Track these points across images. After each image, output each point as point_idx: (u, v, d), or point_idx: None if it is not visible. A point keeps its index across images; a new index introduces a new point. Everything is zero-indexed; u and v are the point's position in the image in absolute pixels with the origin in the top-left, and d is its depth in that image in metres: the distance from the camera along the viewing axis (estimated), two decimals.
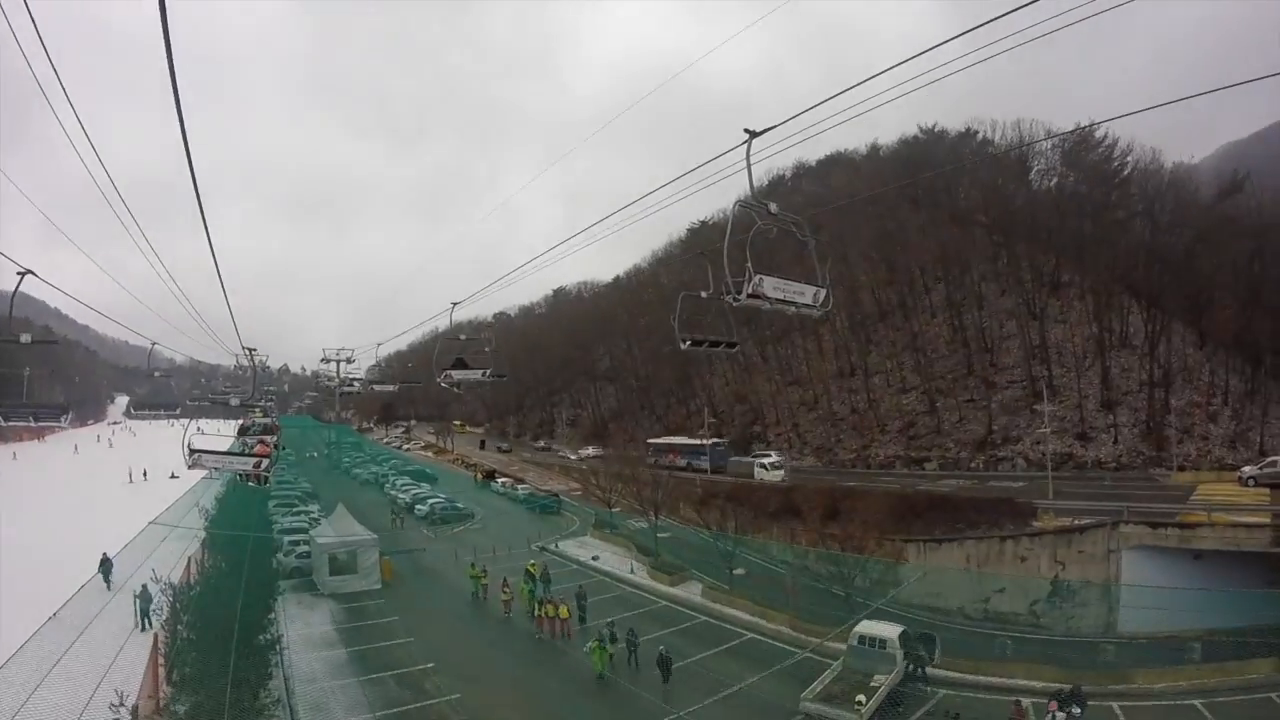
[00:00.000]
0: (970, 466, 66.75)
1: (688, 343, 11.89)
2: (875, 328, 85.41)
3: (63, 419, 11.55)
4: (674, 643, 32.11)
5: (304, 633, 33.43)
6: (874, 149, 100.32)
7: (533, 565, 40.91)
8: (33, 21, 8.46)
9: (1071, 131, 66.82)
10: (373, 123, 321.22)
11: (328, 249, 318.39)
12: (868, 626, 29.41)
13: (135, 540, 32.30)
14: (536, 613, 35.09)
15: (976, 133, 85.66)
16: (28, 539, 43.00)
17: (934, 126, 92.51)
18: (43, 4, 8.35)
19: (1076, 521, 42.47)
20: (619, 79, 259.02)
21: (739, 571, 44.56)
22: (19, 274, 10.42)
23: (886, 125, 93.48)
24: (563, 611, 34.29)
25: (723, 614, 38.36)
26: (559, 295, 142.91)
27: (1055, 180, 78.22)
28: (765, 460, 70.71)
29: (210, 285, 27.94)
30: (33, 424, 11.99)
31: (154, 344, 27.64)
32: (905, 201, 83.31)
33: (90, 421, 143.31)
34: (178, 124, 8.19)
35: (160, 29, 6.35)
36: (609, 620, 31.62)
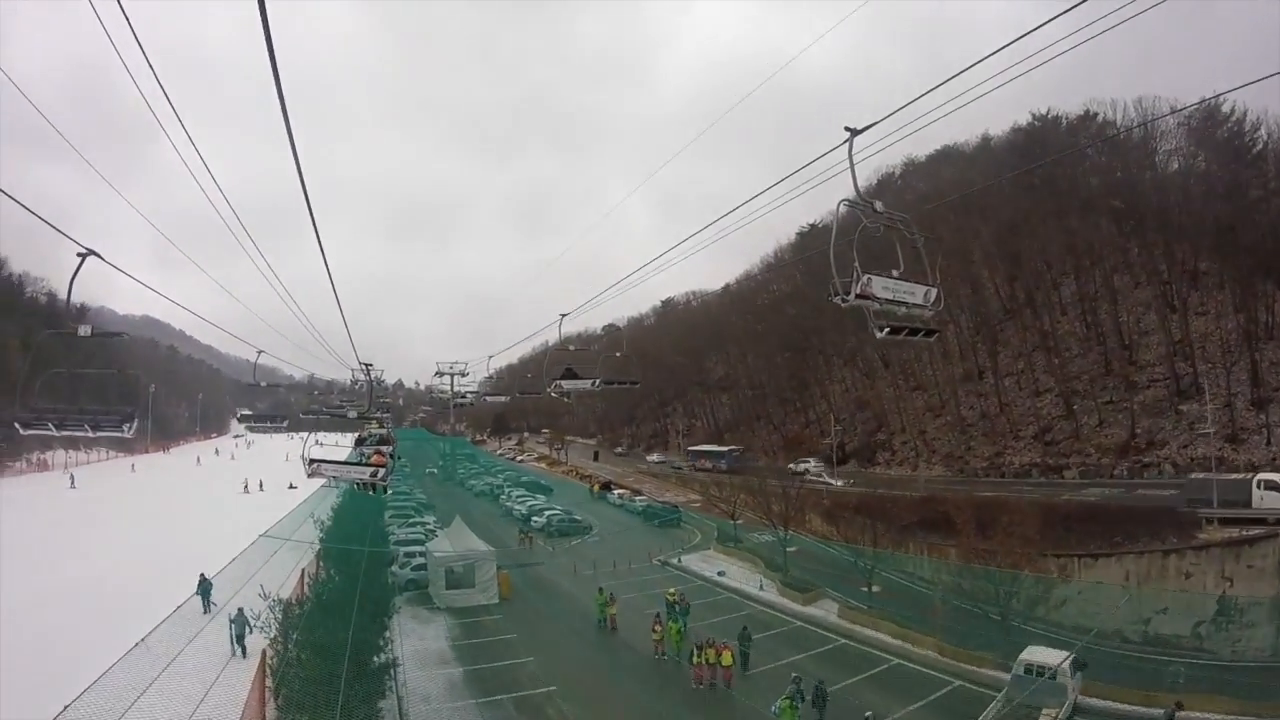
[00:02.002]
0: (1113, 474, 61.43)
1: (885, 330, 10.32)
2: (1002, 327, 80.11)
3: (125, 428, 9.48)
4: (811, 668, 29.33)
5: (418, 648, 31.96)
6: (985, 140, 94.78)
7: (671, 593, 37.20)
8: (145, 57, 8.83)
9: (1196, 105, 60.96)
10: (465, 138, 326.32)
11: (431, 264, 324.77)
12: (1034, 653, 26.02)
13: (244, 554, 31.12)
14: (695, 659, 28.95)
15: (1095, 114, 79.73)
16: (135, 554, 43.09)
17: (1047, 112, 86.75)
18: (146, 34, 8.55)
19: (1245, 532, 37.90)
20: (710, 82, 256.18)
21: (874, 589, 41.18)
22: (80, 255, 9.22)
23: (995, 114, 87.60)
24: (725, 658, 28.77)
25: (863, 636, 35.10)
26: (668, 306, 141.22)
27: (1183, 161, 71.81)
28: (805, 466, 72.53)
29: (319, 303, 28.59)
30: (91, 434, 9.91)
31: (260, 352, 26.61)
32: (1024, 193, 77.98)
33: (213, 435, 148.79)
34: (289, 148, 8.42)
35: (268, 64, 6.48)
36: (794, 675, 26.09)
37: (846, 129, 9.83)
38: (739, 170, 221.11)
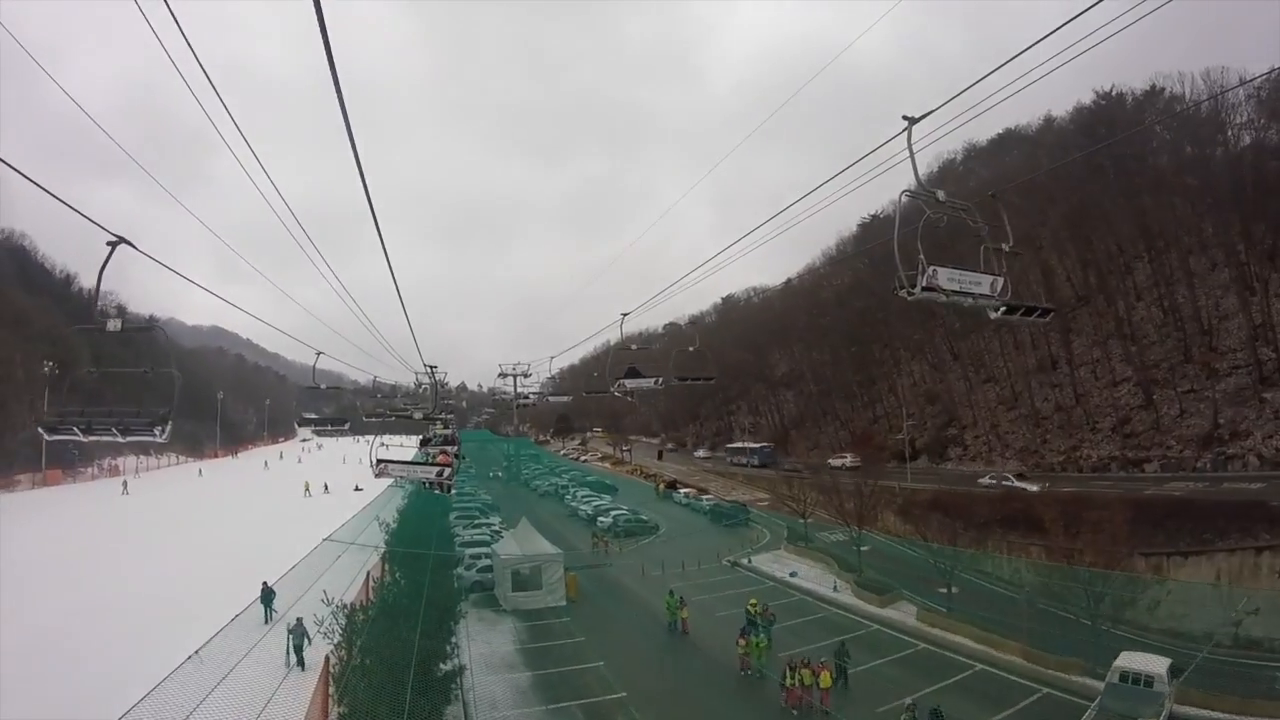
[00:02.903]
0: (1196, 466, 58.50)
1: (1001, 310, 10.18)
2: (1075, 314, 76.96)
3: (158, 431, 8.59)
4: (892, 674, 28.27)
5: (485, 652, 31.33)
6: (1048, 121, 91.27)
7: (753, 604, 34.49)
8: (206, 75, 9.05)
9: (1266, 75, 57.34)
10: (517, 141, 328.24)
11: (490, 268, 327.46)
12: (1130, 660, 24.21)
13: (307, 559, 30.71)
14: (788, 681, 26.29)
15: (1162, 89, 76.13)
16: (187, 561, 43.12)
17: (1111, 89, 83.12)
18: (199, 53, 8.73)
19: None
20: (758, 73, 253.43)
21: (953, 591, 39.43)
22: (110, 243, 8.65)
23: (1057, 94, 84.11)
24: (824, 679, 26.25)
25: (944, 641, 33.46)
26: (728, 303, 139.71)
27: (1255, 134, 68.00)
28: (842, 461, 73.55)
29: (379, 309, 28.92)
30: (120, 438, 9.06)
31: (319, 354, 26.16)
32: (1092, 174, 74.72)
33: (281, 439, 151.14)
34: (351, 159, 8.66)
35: (319, 78, 5.89)
36: (909, 702, 23.80)
37: (904, 117, 9.73)
38: (795, 162, 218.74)
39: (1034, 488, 52.47)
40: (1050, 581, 36.54)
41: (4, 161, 8.12)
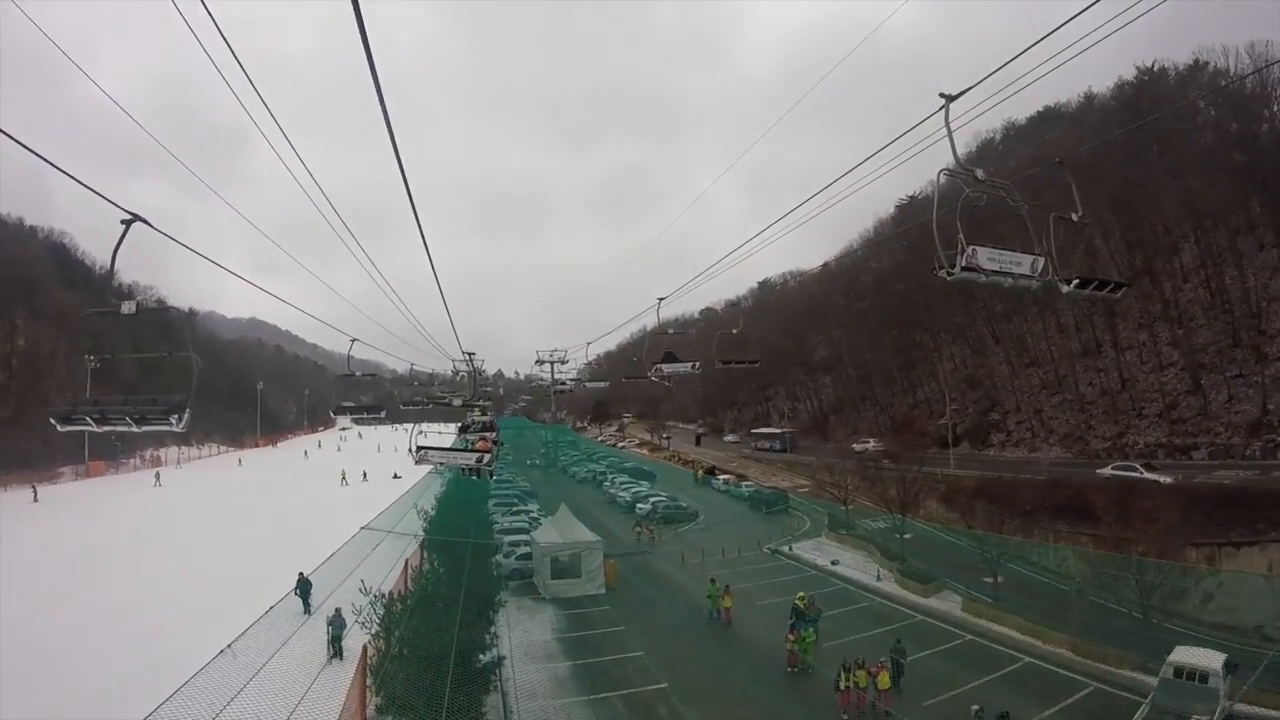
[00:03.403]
0: (1245, 454, 56.82)
1: (1074, 283, 10.33)
2: (1120, 297, 74.70)
3: (174, 420, 8.06)
4: (939, 667, 27.43)
5: (524, 640, 30.91)
6: (1088, 98, 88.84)
7: (801, 598, 31.65)
8: (243, 70, 9.31)
9: None
10: (547, 128, 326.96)
11: (525, 256, 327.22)
12: (1185, 654, 23.04)
13: (345, 548, 30.61)
14: (843, 683, 24.46)
15: (1206, 64, 73.85)
16: (232, 550, 43.59)
17: (1153, 64, 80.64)
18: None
19: None
20: (789, 54, 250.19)
21: (999, 580, 38.52)
22: (124, 221, 8.27)
23: (1097, 70, 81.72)
24: (882, 680, 24.64)
25: (990, 632, 32.46)
26: (765, 287, 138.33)
27: None
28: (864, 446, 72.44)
29: (416, 298, 28.62)
30: (136, 428, 8.53)
31: (353, 340, 26.01)
32: (1136, 152, 72.54)
33: (320, 428, 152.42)
34: (391, 151, 8.65)
35: (351, 73, 5.93)
36: (976, 708, 22.68)
37: (941, 95, 9.66)
38: (830, 144, 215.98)
39: (1166, 479, 50.54)
40: (1100, 572, 35.45)
41: (37, 154, 7.85)
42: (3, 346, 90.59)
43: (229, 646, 18.03)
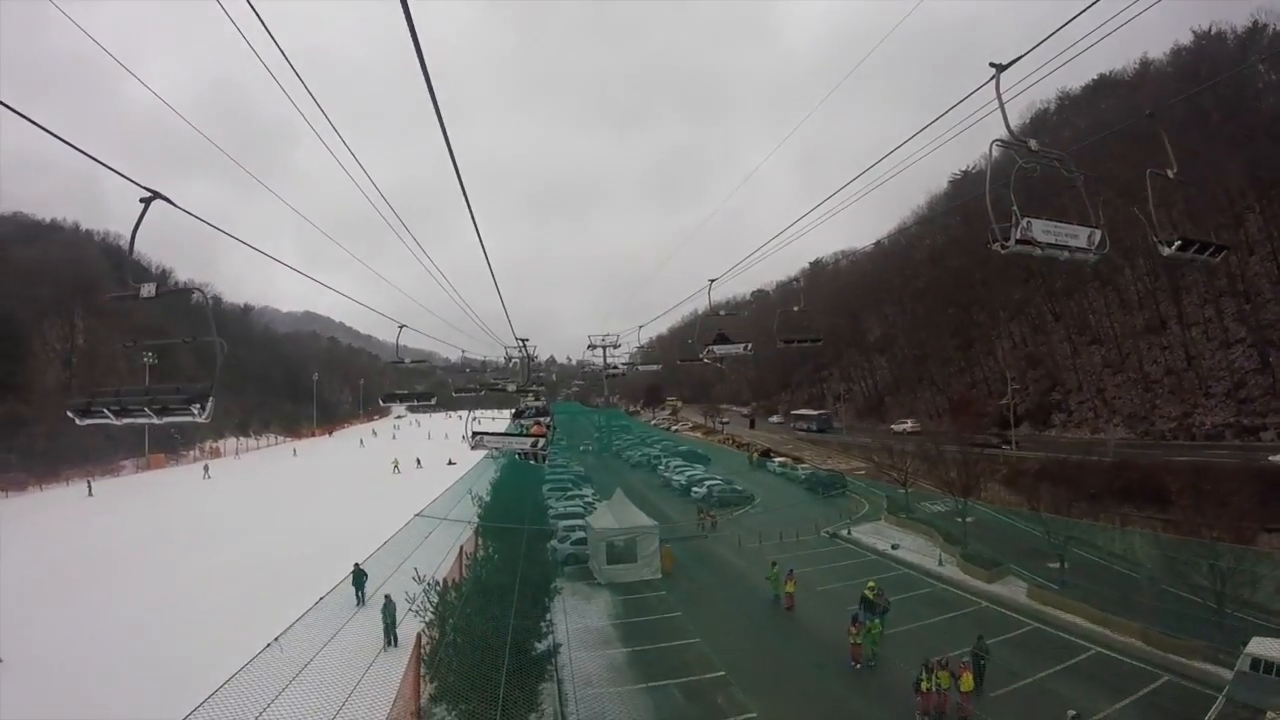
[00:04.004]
0: None
1: (1175, 245, 10.59)
2: (1184, 271, 71.96)
3: (196, 410, 7.55)
4: (1004, 656, 26.17)
5: (579, 626, 30.55)
6: (1144, 65, 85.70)
7: (871, 588, 30.27)
8: (291, 67, 9.47)
9: None
10: (593, 111, 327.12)
11: (575, 241, 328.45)
12: (1262, 646, 21.66)
13: (398, 535, 30.48)
14: (924, 685, 22.95)
15: (1265, 26, 70.71)
16: (282, 541, 43.93)
17: (1210, 28, 77.41)
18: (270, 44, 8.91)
19: None
20: (835, 27, 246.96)
21: (1065, 566, 36.98)
22: (143, 200, 7.91)
23: (1153, 36, 79.15)
24: (965, 682, 23.21)
25: (1056, 620, 31.17)
26: (816, 267, 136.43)
27: None
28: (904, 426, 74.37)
29: (468, 285, 28.74)
30: (155, 419, 8.04)
31: (402, 327, 25.78)
32: (1197, 119, 69.40)
33: (376, 417, 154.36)
34: (441, 141, 8.66)
35: (401, 67, 6.97)
36: (1073, 714, 20.99)
37: (992, 64, 9.52)
38: (880, 117, 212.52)
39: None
40: (1171, 557, 33.95)
41: (94, 157, 7.71)
42: (63, 345, 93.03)
43: (276, 640, 17.77)
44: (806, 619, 31.93)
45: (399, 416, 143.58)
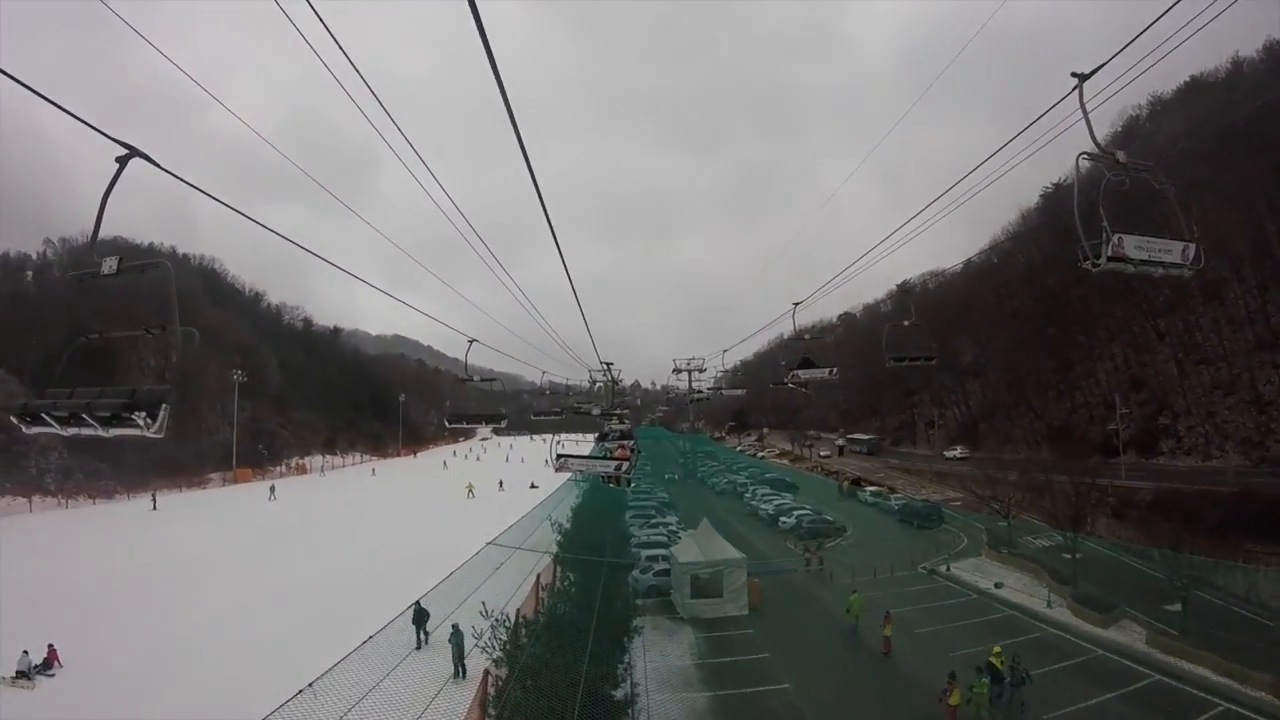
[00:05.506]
0: None
1: None
2: None
3: (142, 420, 6.08)
4: (1125, 712, 23.75)
5: (660, 665, 28.67)
6: (1236, 63, 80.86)
7: (998, 655, 25.79)
8: (374, 95, 9.75)
9: None
10: (666, 132, 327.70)
11: (654, 263, 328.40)
12: None
13: (466, 566, 29.23)
14: None
15: None
16: (341, 567, 43.50)
17: None
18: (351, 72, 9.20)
19: None
20: (913, 31, 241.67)
21: (1183, 608, 33.57)
22: (119, 159, 6.89)
23: (1243, 31, 74.99)
24: None
25: (1178, 670, 28.12)
26: (904, 289, 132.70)
27: None
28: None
29: (550, 310, 29.32)
30: (104, 431, 6.67)
31: (472, 341, 25.03)
32: None
33: (461, 438, 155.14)
34: (524, 167, 8.62)
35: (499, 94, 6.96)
36: None
37: (1074, 74, 9.23)
38: (958, 126, 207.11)
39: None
40: None
41: (180, 177, 7.45)
42: (158, 361, 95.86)
43: (310, 686, 16.36)
44: (904, 665, 29.38)
45: (484, 439, 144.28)
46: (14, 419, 7.00)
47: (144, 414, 6.52)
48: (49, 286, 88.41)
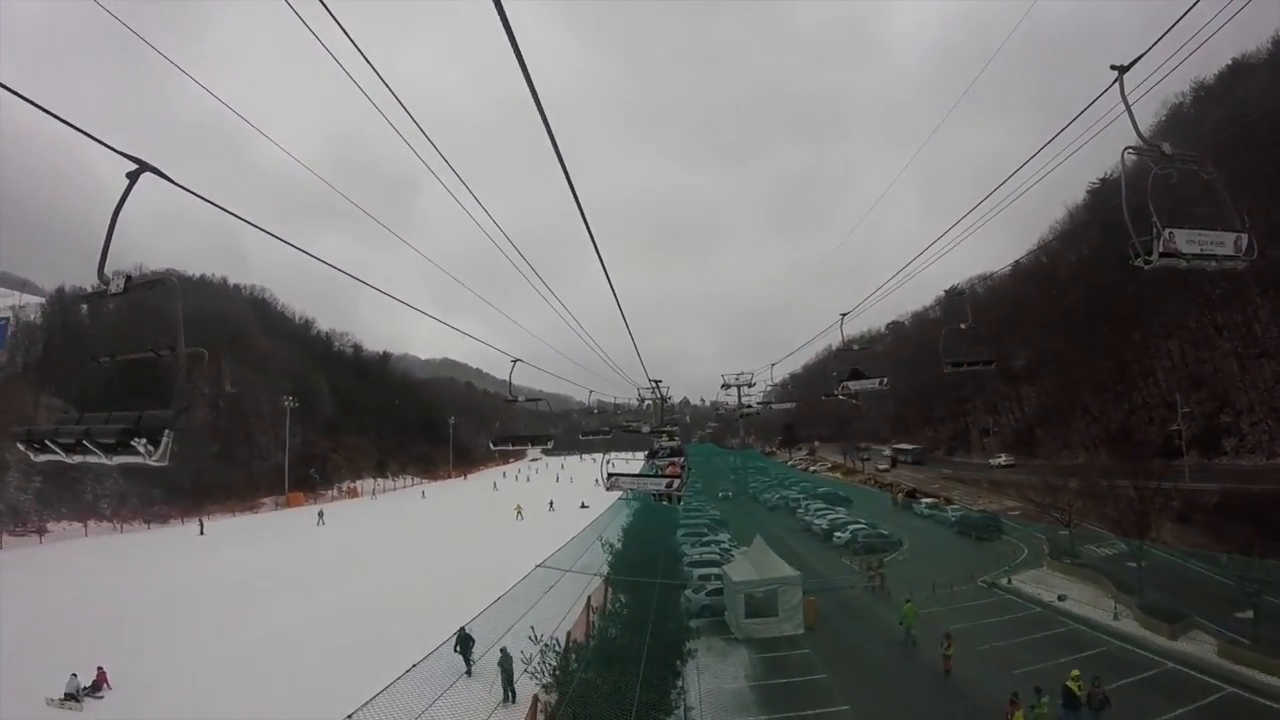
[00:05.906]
0: None
1: None
2: None
3: (145, 449, 5.80)
4: None
5: (713, 688, 28.05)
6: (1277, 44, 78.42)
7: (1075, 679, 23.94)
8: (415, 122, 9.79)
9: None
10: (705, 145, 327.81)
11: (699, 278, 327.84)
12: None
13: (514, 590, 28.89)
14: None
15: None
16: (406, 585, 43.84)
17: None
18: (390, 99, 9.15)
19: None
20: (947, 34, 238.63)
21: (1251, 616, 32.24)
22: (129, 175, 6.66)
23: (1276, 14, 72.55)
24: None
25: (1253, 683, 26.86)
26: (952, 295, 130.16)
27: None
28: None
29: (596, 329, 28.85)
30: (107, 459, 6.36)
31: (515, 361, 24.91)
32: None
33: (511, 460, 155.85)
34: (566, 187, 8.69)
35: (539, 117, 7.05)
36: None
37: (1113, 67, 9.17)
38: (997, 126, 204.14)
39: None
40: None
41: (194, 191, 7.64)
42: (211, 390, 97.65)
43: (349, 718, 15.94)
44: (966, 685, 28.26)
45: (534, 460, 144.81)
46: (20, 445, 6.75)
47: (144, 441, 6.21)
48: (103, 317, 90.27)
